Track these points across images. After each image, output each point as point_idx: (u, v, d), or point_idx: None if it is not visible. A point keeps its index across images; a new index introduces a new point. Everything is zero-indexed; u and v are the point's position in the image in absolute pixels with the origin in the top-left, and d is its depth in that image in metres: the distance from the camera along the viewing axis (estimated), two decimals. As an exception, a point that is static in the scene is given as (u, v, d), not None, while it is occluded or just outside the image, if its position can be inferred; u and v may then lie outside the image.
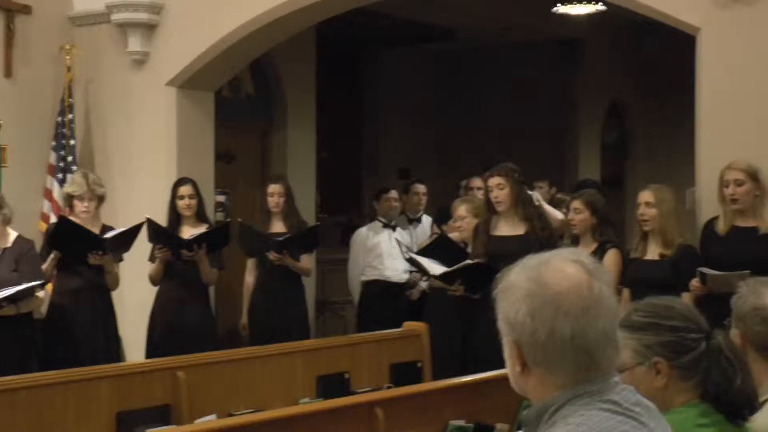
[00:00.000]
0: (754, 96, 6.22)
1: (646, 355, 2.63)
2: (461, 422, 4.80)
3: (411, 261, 7.21)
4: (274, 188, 7.60)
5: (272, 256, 7.29)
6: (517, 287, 2.03)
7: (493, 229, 6.71)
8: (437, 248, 7.09)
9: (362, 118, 12.38)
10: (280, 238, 7.35)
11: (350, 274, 8.74)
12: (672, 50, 8.75)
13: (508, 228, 6.66)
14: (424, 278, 7.85)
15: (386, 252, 8.45)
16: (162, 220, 7.16)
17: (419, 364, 6.20)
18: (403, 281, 8.48)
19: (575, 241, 6.60)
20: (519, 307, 2.01)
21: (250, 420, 4.36)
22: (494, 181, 6.65)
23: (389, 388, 5.58)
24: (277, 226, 7.58)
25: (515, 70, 12.13)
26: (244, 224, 7.61)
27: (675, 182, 7.53)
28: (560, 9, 10.01)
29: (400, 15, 10.48)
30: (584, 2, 9.73)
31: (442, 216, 8.22)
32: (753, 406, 2.68)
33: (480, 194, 7.55)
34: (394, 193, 8.67)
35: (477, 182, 8.14)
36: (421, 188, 8.94)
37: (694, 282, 5.87)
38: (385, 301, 8.33)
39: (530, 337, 2.00)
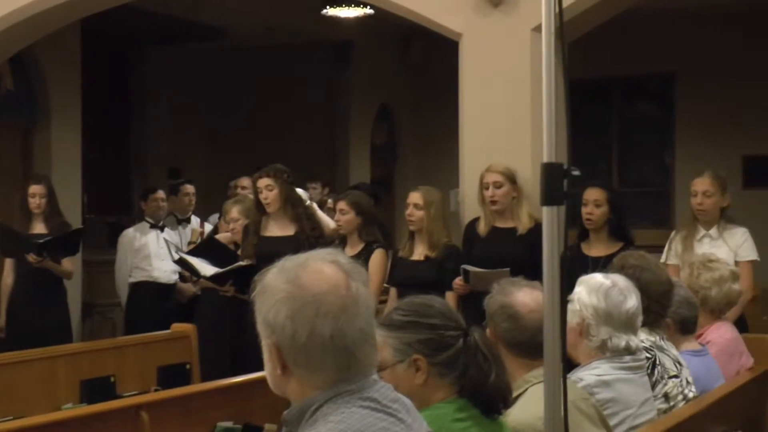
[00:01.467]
0: (512, 100, 6.44)
1: (406, 352, 2.67)
2: (229, 423, 4.76)
3: (181, 261, 7.11)
4: (35, 189, 7.41)
5: (32, 258, 7.09)
6: (275, 289, 2.03)
7: (263, 230, 6.71)
8: (207, 249, 7.03)
9: (131, 117, 12.11)
10: (41, 240, 7.14)
11: (117, 275, 8.56)
12: (439, 54, 8.96)
13: (278, 229, 6.67)
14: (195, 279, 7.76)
15: (154, 253, 8.33)
16: None
17: (188, 366, 6.12)
18: (172, 282, 8.37)
19: (342, 241, 6.67)
20: (278, 310, 2.01)
21: (8, 428, 4.18)
22: (263, 182, 6.64)
23: (156, 390, 5.48)
24: (38, 228, 7.42)
25: (287, 70, 12.14)
26: (3, 225, 7.41)
27: (441, 183, 7.72)
28: (329, 11, 10.08)
29: (165, 12, 10.31)
30: (353, 5, 9.84)
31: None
32: (507, 400, 2.78)
33: (249, 194, 7.52)
34: (161, 193, 8.53)
35: (245, 182, 8.13)
36: (190, 189, 8.85)
37: (457, 280, 6.03)
38: (153, 303, 8.21)
39: (290, 339, 1.99)
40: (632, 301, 3.60)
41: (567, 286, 3.56)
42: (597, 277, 3.66)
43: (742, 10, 10.21)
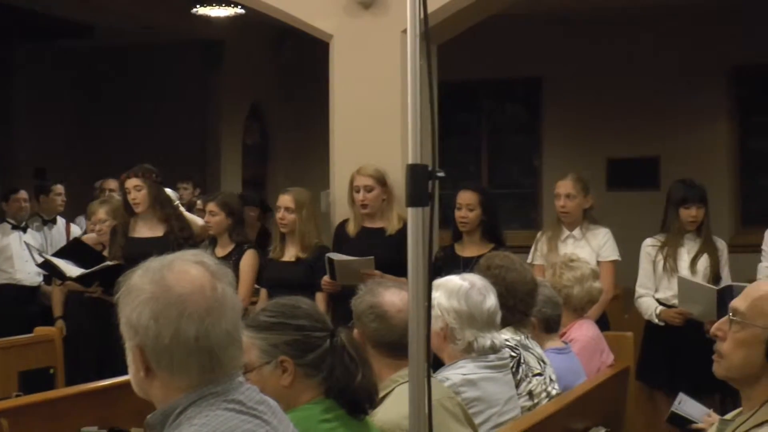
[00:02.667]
0: (382, 102, 6.47)
1: (273, 354, 2.66)
2: (94, 428, 4.66)
3: (45, 264, 6.94)
4: None
5: None
6: (139, 290, 1.99)
7: (131, 231, 6.61)
8: (73, 251, 6.88)
9: (-5, 115, 11.76)
10: None
11: (-21, 278, 8.31)
12: (311, 54, 8.96)
13: (146, 230, 6.58)
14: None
15: (17, 254, 8.11)
16: None
17: (51, 371, 5.97)
18: (36, 284, 8.16)
19: (213, 242, 6.62)
20: (142, 311, 1.97)
21: None
22: (131, 182, 6.53)
23: (18, 396, 5.32)
24: None
25: (158, 69, 11.97)
26: None
27: (314, 184, 7.72)
28: (200, 10, 9.98)
29: (32, 8, 10.03)
30: (223, 5, 9.76)
31: None
32: (373, 401, 2.79)
33: (116, 195, 7.39)
34: (23, 194, 8.32)
35: (111, 184, 7.99)
36: (60, 189, 8.67)
37: (325, 278, 6.04)
38: (16, 306, 7.98)
39: (154, 340, 1.97)
40: (491, 299, 3.65)
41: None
42: (454, 280, 3.66)
43: (606, 15, 10.48)
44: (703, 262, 6.00)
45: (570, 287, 5.07)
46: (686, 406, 4.30)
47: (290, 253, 6.33)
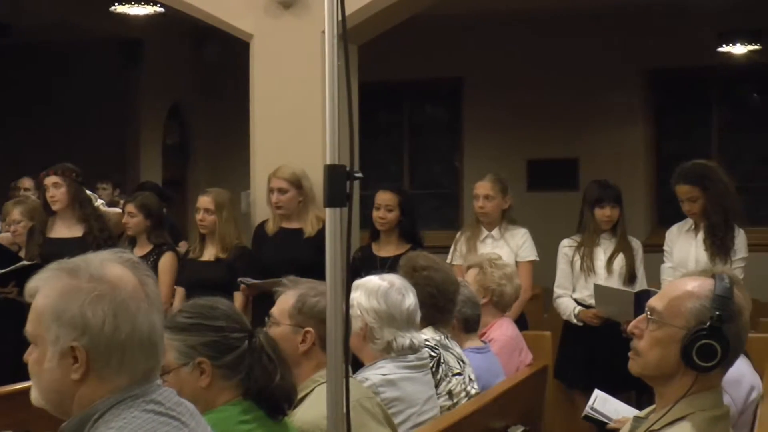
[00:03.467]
0: (303, 102, 6.46)
1: (191, 355, 2.64)
2: (8, 433, 4.59)
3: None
4: None
5: None
6: (79, 290, 1.96)
7: (49, 230, 6.52)
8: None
9: None
10: None
11: None
12: (233, 53, 8.90)
13: (65, 230, 6.49)
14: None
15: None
16: None
17: (-36, 374, 5.84)
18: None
19: (132, 243, 6.55)
20: (94, 309, 1.95)
21: None
22: (50, 180, 6.45)
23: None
24: None
25: (76, 68, 11.78)
26: None
27: (235, 185, 7.68)
28: (118, 8, 9.86)
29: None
30: (142, 3, 9.65)
31: None
32: (292, 401, 2.79)
33: (31, 195, 7.28)
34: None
35: (26, 183, 7.85)
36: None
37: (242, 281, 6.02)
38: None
39: (110, 337, 1.95)
40: (410, 298, 3.67)
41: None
42: (373, 280, 3.68)
43: (526, 17, 10.58)
44: (619, 261, 6.09)
45: (504, 285, 5.12)
46: (601, 403, 4.35)
47: (210, 253, 6.29)
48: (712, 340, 2.43)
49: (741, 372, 4.00)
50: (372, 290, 3.62)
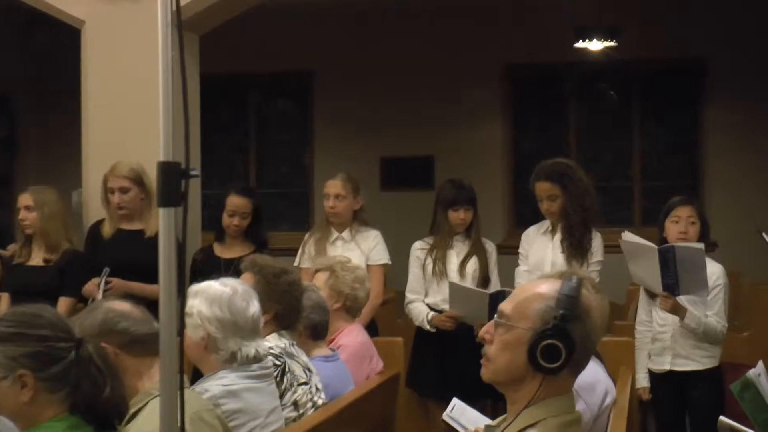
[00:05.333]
0: (140, 95, 6.30)
1: (11, 367, 2.57)
2: None
3: None
4: None
5: None
6: None
7: None
8: None
9: None
10: None
11: None
12: (65, 41, 8.68)
13: None
14: None
15: None
16: None
17: None
18: None
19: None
20: None
21: None
22: None
23: None
24: None
25: None
26: None
27: (67, 181, 7.49)
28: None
29: None
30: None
31: None
32: (122, 415, 2.74)
33: None
34: None
35: None
36: None
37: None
38: None
39: None
40: (254, 305, 3.64)
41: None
42: (214, 286, 3.62)
43: (381, 10, 10.65)
44: (472, 264, 6.18)
45: (357, 289, 5.14)
46: (459, 411, 4.40)
47: (37, 257, 6.14)
48: (556, 340, 2.47)
49: (596, 377, 4.12)
50: (214, 298, 3.57)
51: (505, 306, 2.60)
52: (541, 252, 5.97)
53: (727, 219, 9.62)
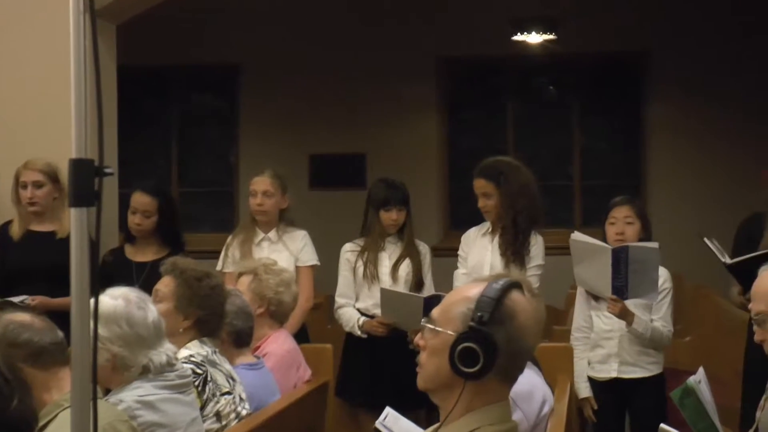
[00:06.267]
0: (51, 87, 6.21)
1: None
2: None
3: None
4: None
5: None
6: None
7: None
8: None
9: None
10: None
11: None
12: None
13: None
14: None
15: None
16: None
17: None
18: None
19: None
20: None
21: None
22: None
23: None
24: None
25: None
26: None
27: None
28: None
29: None
30: None
31: None
32: (32, 428, 2.69)
33: None
34: None
35: None
36: None
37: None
38: None
39: None
40: (151, 309, 3.59)
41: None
42: (104, 302, 3.45)
43: (307, 1, 10.64)
44: (405, 267, 6.18)
45: (281, 293, 5.12)
46: (393, 421, 4.40)
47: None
48: (473, 344, 2.49)
49: (533, 385, 4.14)
50: (109, 315, 3.44)
51: (435, 310, 2.61)
52: (480, 254, 5.99)
53: (670, 219, 9.75)
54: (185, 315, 4.06)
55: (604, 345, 5.61)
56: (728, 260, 5.16)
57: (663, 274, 5.56)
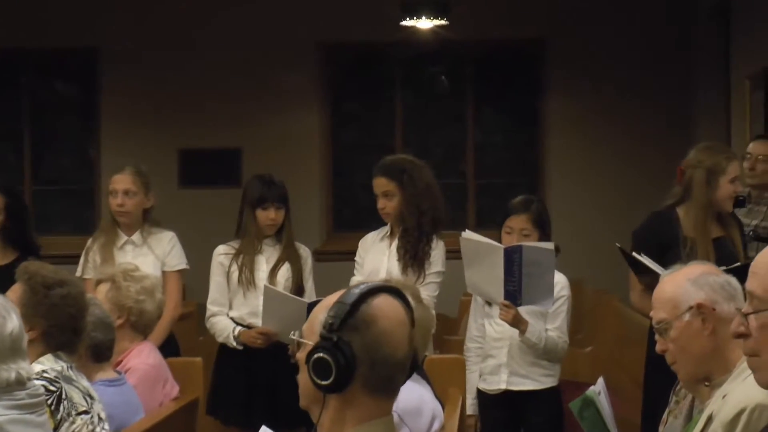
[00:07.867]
0: None
1: None
2: None
3: None
4: None
5: None
6: None
7: None
8: None
9: None
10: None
11: None
12: None
13: None
14: None
15: None
16: None
17: None
18: None
19: None
20: None
21: None
22: None
23: None
24: None
25: None
26: None
27: None
28: None
29: None
30: None
31: None
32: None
33: None
34: None
35: None
36: None
37: None
38: None
39: None
40: (13, 319, 3.52)
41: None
42: None
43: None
44: (284, 272, 6.16)
45: (143, 301, 5.07)
46: None
47: None
48: (324, 353, 2.48)
49: (422, 400, 4.16)
50: None
51: (306, 322, 2.62)
52: (377, 260, 6.00)
53: (569, 219, 9.83)
54: (30, 325, 3.97)
55: (494, 354, 5.64)
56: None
57: (560, 280, 5.60)
